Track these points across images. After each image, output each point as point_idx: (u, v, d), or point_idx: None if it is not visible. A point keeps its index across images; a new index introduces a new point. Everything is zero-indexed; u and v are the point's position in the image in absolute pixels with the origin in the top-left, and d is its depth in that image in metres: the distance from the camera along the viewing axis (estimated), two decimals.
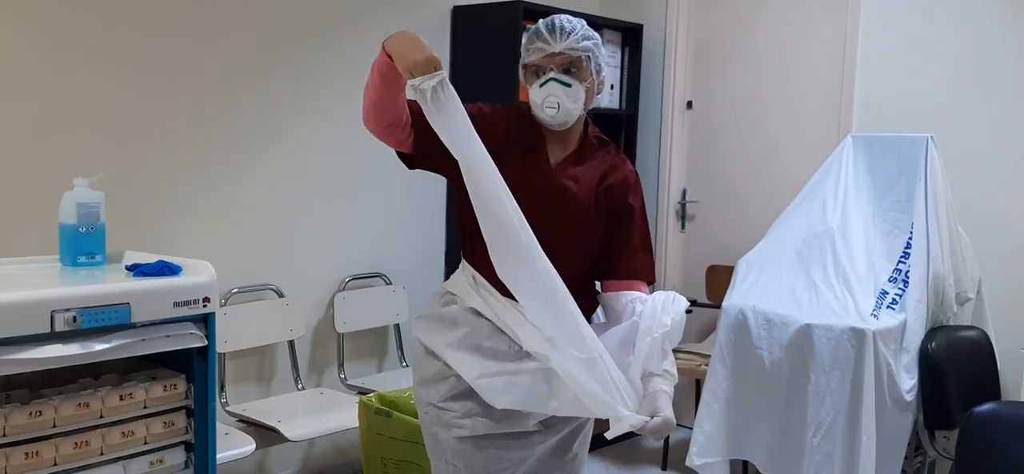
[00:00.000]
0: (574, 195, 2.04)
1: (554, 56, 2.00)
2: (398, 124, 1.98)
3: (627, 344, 1.97)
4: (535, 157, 2.06)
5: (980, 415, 2.41)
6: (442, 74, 1.80)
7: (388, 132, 1.99)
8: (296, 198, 3.62)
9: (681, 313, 1.97)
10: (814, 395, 3.04)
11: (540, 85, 2.00)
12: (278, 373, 3.63)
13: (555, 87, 1.99)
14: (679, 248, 4.75)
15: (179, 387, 2.25)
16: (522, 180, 2.00)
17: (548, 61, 2.01)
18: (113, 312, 2.03)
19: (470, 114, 2.02)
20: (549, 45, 2.01)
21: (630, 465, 4.11)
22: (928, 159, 3.31)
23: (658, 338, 1.93)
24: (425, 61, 1.79)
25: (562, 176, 2.06)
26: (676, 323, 1.96)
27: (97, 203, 2.30)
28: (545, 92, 2.00)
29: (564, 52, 2.00)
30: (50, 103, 2.94)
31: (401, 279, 3.97)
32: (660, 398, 1.91)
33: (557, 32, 2.01)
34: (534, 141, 2.07)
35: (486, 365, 1.96)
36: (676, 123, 4.64)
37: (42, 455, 2.02)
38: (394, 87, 1.91)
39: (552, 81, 1.99)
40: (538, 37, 2.03)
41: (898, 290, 3.20)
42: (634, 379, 1.92)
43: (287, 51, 3.53)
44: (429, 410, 2.05)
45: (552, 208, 2.02)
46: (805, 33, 4.19)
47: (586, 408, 1.88)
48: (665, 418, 1.88)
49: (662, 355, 1.94)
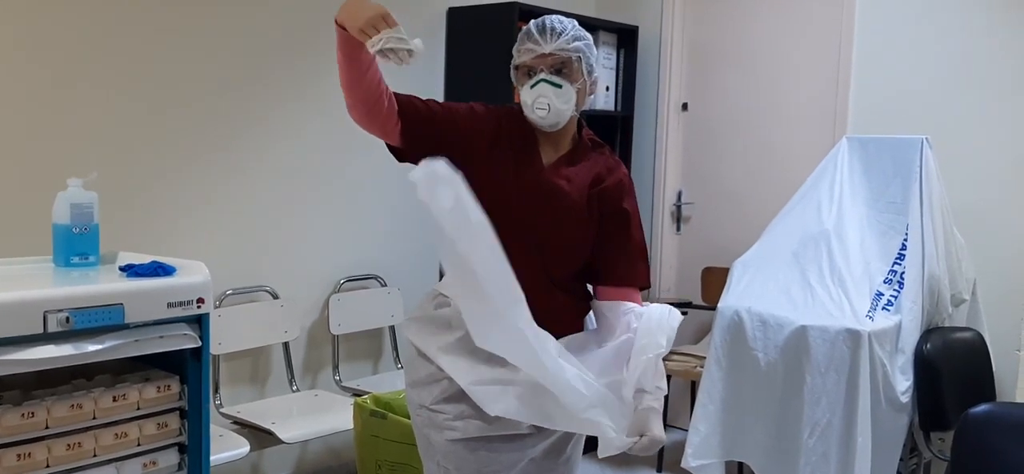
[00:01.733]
0: (566, 194, 2.03)
1: (545, 57, 2.00)
2: (378, 108, 1.93)
3: (621, 359, 1.97)
4: (527, 157, 2.05)
5: (975, 416, 2.41)
6: (399, 31, 1.72)
7: (370, 119, 1.95)
8: (291, 199, 3.61)
9: (675, 329, 1.98)
10: (810, 396, 3.04)
11: (531, 86, 2.00)
12: (272, 375, 3.62)
13: (545, 88, 1.99)
14: (674, 250, 4.75)
15: (173, 388, 2.24)
16: (514, 179, 2.00)
17: (539, 62, 2.00)
18: (106, 313, 2.02)
19: (461, 112, 2.02)
20: (539, 46, 2.00)
21: (625, 467, 4.11)
22: (923, 160, 3.32)
23: (652, 360, 1.93)
24: (374, 17, 1.73)
25: (554, 176, 2.05)
26: (670, 341, 1.97)
27: (91, 203, 2.29)
28: (535, 93, 1.99)
29: (554, 53, 2.00)
30: (44, 104, 2.93)
31: (396, 281, 3.96)
32: (651, 417, 1.92)
33: (547, 33, 2.01)
34: (526, 141, 2.07)
35: (480, 370, 1.94)
36: (671, 125, 4.65)
37: (34, 456, 2.01)
38: (358, 62, 1.86)
39: (542, 82, 1.99)
40: (529, 38, 2.02)
41: (893, 291, 3.20)
42: (627, 397, 1.92)
43: (281, 53, 3.52)
44: (421, 412, 2.04)
45: (544, 207, 2.02)
46: (800, 35, 4.19)
47: (577, 425, 1.89)
48: (653, 437, 1.90)
49: (656, 372, 1.94)
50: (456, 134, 2.00)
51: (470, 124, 2.02)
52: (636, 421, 1.91)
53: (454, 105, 2.07)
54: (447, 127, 2.01)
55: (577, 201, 2.04)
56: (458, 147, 1.94)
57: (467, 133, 2.01)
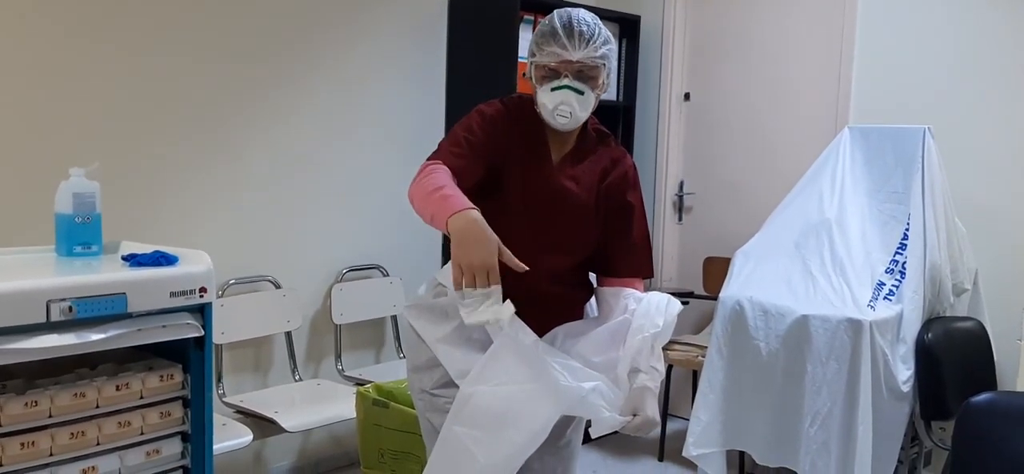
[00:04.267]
0: (575, 195, 2.03)
1: (571, 63, 1.93)
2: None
3: (617, 339, 1.97)
4: (538, 156, 2.04)
5: (976, 405, 2.41)
6: (496, 297, 1.67)
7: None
8: (293, 189, 3.62)
9: (674, 316, 1.97)
10: (811, 386, 3.05)
11: (551, 89, 1.93)
12: (275, 364, 3.63)
13: (569, 95, 1.92)
14: (676, 240, 4.75)
15: (176, 377, 2.25)
16: (526, 180, 2.00)
17: (564, 67, 1.93)
18: (109, 302, 2.02)
19: (478, 126, 1.97)
20: (567, 51, 1.92)
21: (626, 456, 4.12)
22: (925, 150, 3.32)
23: (648, 338, 1.92)
24: (480, 268, 1.66)
25: (563, 177, 2.04)
26: (668, 324, 1.96)
27: (93, 193, 2.29)
28: (557, 98, 1.93)
29: (582, 61, 1.93)
30: (47, 93, 2.94)
31: (398, 271, 3.97)
32: (645, 396, 1.91)
33: (576, 38, 1.92)
34: (537, 139, 2.04)
35: (473, 359, 1.94)
36: (673, 115, 4.64)
37: (38, 445, 2.02)
38: (437, 226, 1.83)
39: (566, 88, 1.92)
40: (553, 39, 1.93)
41: (895, 281, 3.20)
42: (621, 375, 1.92)
43: (284, 42, 3.52)
44: (423, 396, 2.07)
45: (551, 209, 2.02)
46: (802, 24, 4.18)
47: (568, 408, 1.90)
48: (647, 417, 1.89)
49: (651, 353, 1.93)
50: (486, 160, 1.98)
51: (489, 139, 1.98)
52: (630, 400, 1.90)
53: (475, 138, 1.98)
54: (482, 162, 1.97)
55: (585, 201, 2.05)
56: (490, 168, 1.97)
57: (491, 152, 1.99)
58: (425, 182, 1.84)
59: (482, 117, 2.01)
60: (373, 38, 3.81)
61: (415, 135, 3.94)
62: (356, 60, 3.77)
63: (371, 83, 3.83)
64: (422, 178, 1.86)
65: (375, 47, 3.82)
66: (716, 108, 4.53)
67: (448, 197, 1.77)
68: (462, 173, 1.90)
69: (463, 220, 1.71)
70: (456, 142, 1.97)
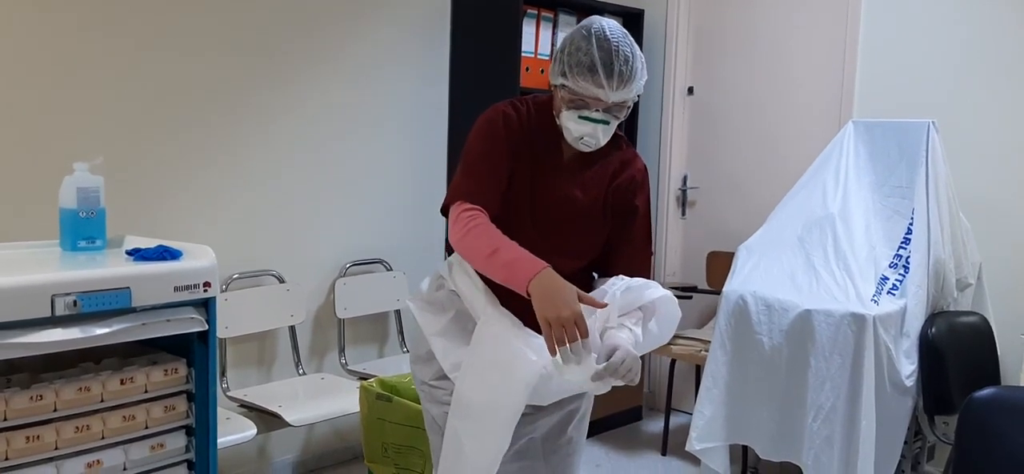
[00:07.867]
0: (582, 203, 2.03)
1: (603, 101, 1.90)
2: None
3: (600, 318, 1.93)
4: (549, 162, 2.03)
5: (980, 400, 2.41)
6: (586, 347, 1.70)
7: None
8: (297, 184, 3.62)
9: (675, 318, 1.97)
10: (814, 380, 3.05)
11: (579, 117, 1.91)
12: (279, 358, 3.64)
13: (596, 127, 1.91)
14: (679, 234, 4.75)
15: (180, 371, 2.26)
16: (534, 186, 2.00)
17: (597, 104, 1.90)
18: (113, 296, 2.03)
19: (491, 146, 1.96)
20: (603, 91, 1.86)
21: (630, 450, 4.12)
22: (929, 144, 3.31)
23: (618, 290, 1.90)
24: (568, 320, 1.70)
25: (572, 183, 2.03)
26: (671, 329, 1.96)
27: (97, 187, 2.29)
28: (585, 129, 1.91)
29: (618, 103, 1.91)
30: (51, 88, 2.94)
31: (402, 265, 3.97)
32: (617, 339, 1.82)
33: (615, 78, 1.85)
34: (549, 145, 2.03)
35: (462, 354, 1.95)
36: (677, 109, 4.64)
37: (43, 439, 2.03)
38: (503, 282, 1.85)
39: (596, 122, 1.91)
40: (590, 73, 1.86)
41: (898, 275, 3.20)
42: (593, 329, 1.84)
43: (288, 36, 3.52)
44: (424, 388, 2.08)
45: (559, 215, 2.02)
46: (806, 18, 4.17)
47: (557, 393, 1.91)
48: (626, 351, 1.77)
49: (629, 314, 1.90)
50: (506, 175, 1.98)
51: (507, 144, 1.97)
52: (603, 349, 1.82)
53: (491, 161, 1.97)
54: (504, 179, 1.98)
55: (593, 208, 2.05)
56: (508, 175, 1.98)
57: (507, 164, 1.98)
58: (475, 243, 1.87)
59: (492, 131, 1.98)
60: (377, 32, 3.81)
61: (419, 129, 3.94)
62: (360, 55, 3.77)
63: (375, 77, 3.82)
64: (467, 235, 1.88)
65: (379, 41, 3.82)
66: (720, 102, 4.52)
67: (514, 263, 1.80)
68: (494, 204, 1.93)
69: (540, 282, 1.75)
70: (476, 175, 1.96)
